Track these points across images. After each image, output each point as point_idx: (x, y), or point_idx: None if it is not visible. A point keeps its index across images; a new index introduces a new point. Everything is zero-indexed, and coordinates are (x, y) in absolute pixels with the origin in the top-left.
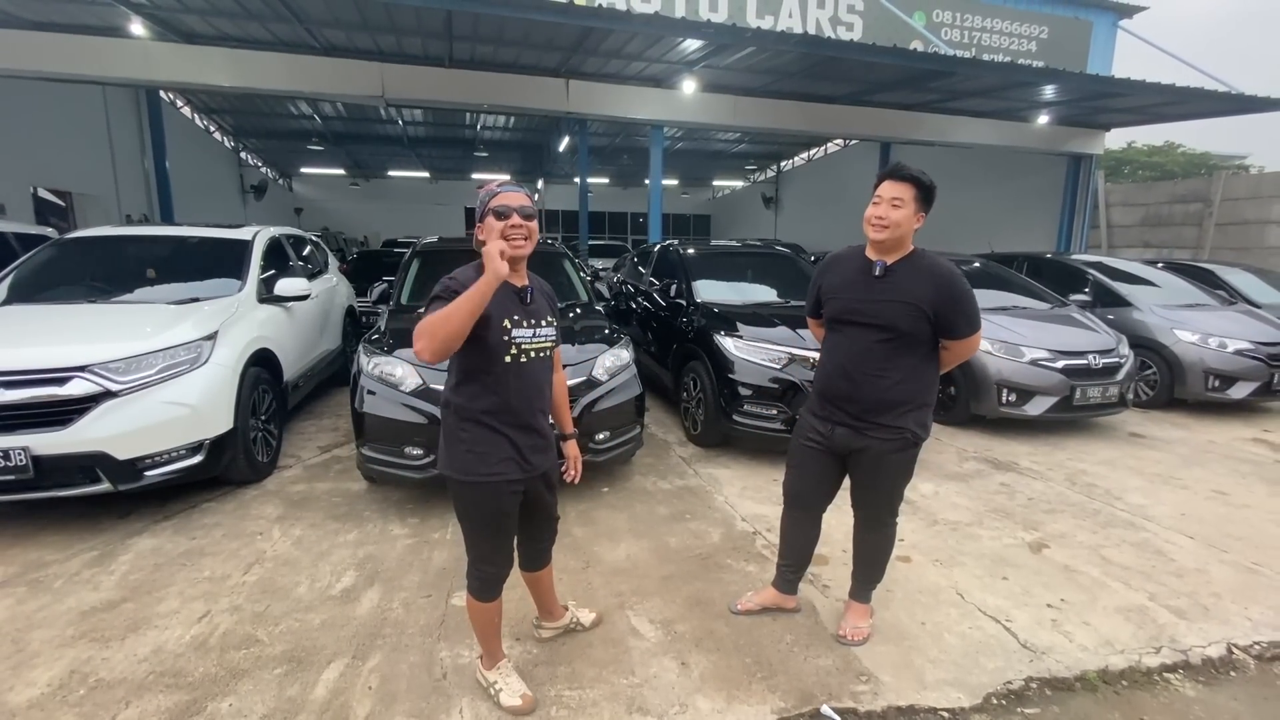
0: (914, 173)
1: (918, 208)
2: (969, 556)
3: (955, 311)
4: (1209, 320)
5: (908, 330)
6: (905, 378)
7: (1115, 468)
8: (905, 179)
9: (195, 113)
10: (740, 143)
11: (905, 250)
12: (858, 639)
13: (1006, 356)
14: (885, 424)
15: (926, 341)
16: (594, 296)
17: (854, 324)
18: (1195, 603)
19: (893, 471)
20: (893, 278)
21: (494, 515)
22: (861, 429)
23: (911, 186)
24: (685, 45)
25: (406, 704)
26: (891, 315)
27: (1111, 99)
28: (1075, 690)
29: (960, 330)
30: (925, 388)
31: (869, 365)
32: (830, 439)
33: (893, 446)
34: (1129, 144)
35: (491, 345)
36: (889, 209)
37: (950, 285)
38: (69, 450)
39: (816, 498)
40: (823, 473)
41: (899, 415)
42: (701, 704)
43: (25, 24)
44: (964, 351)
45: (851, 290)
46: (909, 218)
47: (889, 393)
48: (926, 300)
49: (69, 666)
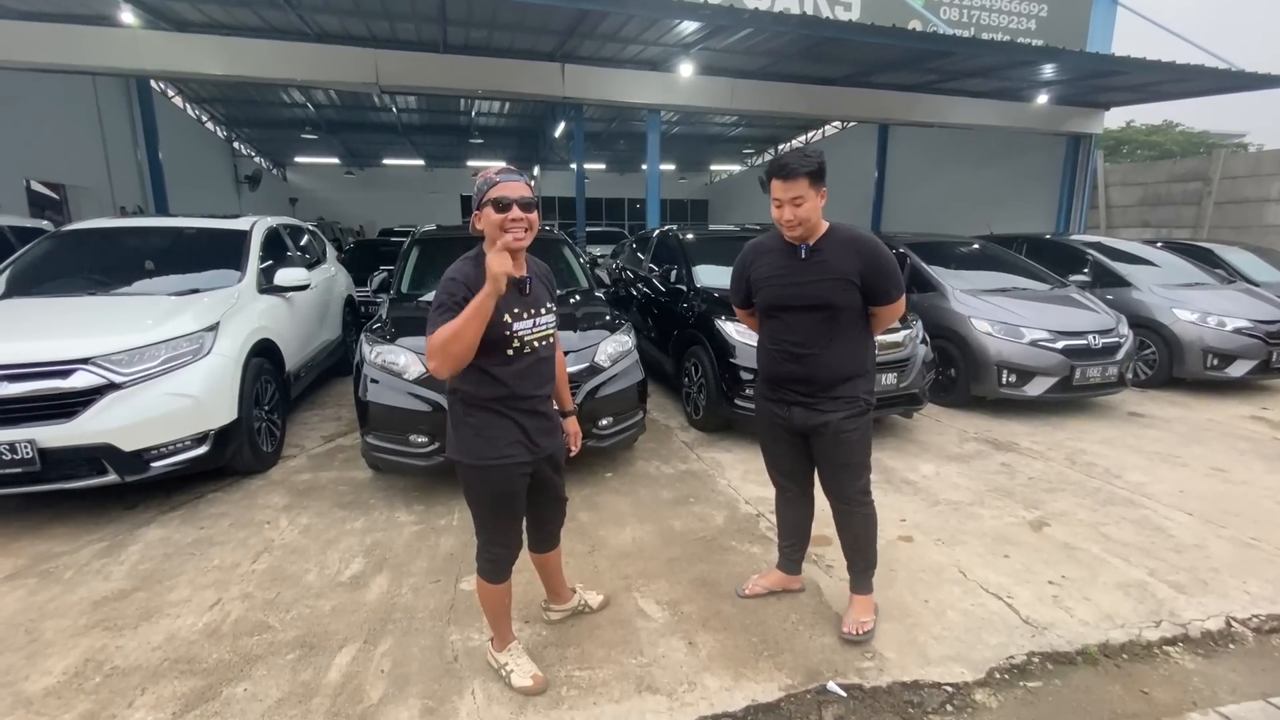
0: (800, 165)
1: (817, 190)
2: (970, 535)
3: (882, 276)
4: (1208, 299)
5: (844, 304)
6: (849, 349)
7: (1115, 446)
8: (795, 175)
9: (187, 103)
10: (737, 126)
11: (821, 229)
12: (863, 632)
13: (1006, 338)
14: (838, 395)
15: (859, 312)
16: (595, 283)
17: (792, 308)
18: (1194, 577)
19: (853, 442)
20: (819, 256)
21: (504, 498)
22: (816, 404)
23: (804, 179)
24: (682, 27)
25: (419, 686)
26: (826, 293)
27: (1111, 77)
28: (1076, 664)
29: (890, 295)
30: (866, 355)
31: (814, 344)
32: (789, 419)
33: (848, 414)
34: (1127, 123)
35: (494, 340)
36: (792, 209)
37: (874, 252)
38: (75, 443)
39: (797, 474)
40: (793, 450)
41: (849, 385)
42: (710, 682)
43: (12, 14)
44: (890, 316)
45: (781, 277)
46: (814, 205)
47: (836, 366)
48: (855, 271)
49: (84, 655)
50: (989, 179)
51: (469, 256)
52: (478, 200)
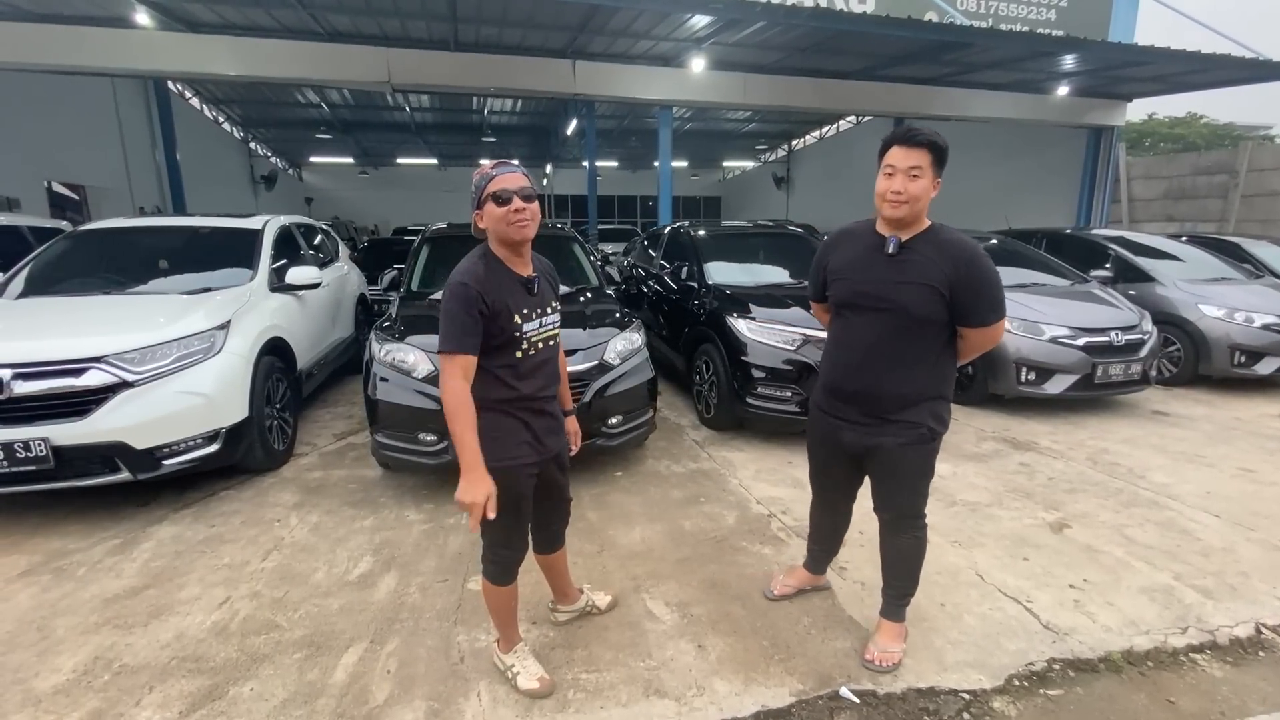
0: (929, 136)
1: (935, 174)
2: (988, 537)
3: (977, 295)
4: (1235, 294)
5: (924, 316)
6: (921, 369)
7: (1138, 446)
8: (920, 144)
9: (204, 104)
10: (750, 122)
11: (922, 225)
12: (886, 664)
13: (1025, 334)
14: (899, 420)
15: (944, 328)
16: (604, 281)
17: (864, 309)
18: (1222, 582)
19: (911, 469)
20: (908, 255)
21: (512, 499)
22: (873, 426)
23: (927, 152)
24: (693, 21)
25: (425, 687)
26: (906, 298)
27: (1134, 68)
28: (1099, 671)
29: (982, 317)
30: (942, 379)
31: (881, 356)
32: (841, 440)
33: (908, 441)
34: (1150, 116)
35: (504, 342)
36: (905, 181)
37: (972, 265)
38: (88, 440)
39: (841, 486)
40: (841, 469)
41: (914, 410)
42: (719, 686)
43: (31, 16)
44: (984, 342)
45: (861, 271)
46: (927, 188)
47: (903, 386)
48: (944, 281)
49: (93, 653)
50: (1007, 173)
51: (476, 255)
52: (477, 198)
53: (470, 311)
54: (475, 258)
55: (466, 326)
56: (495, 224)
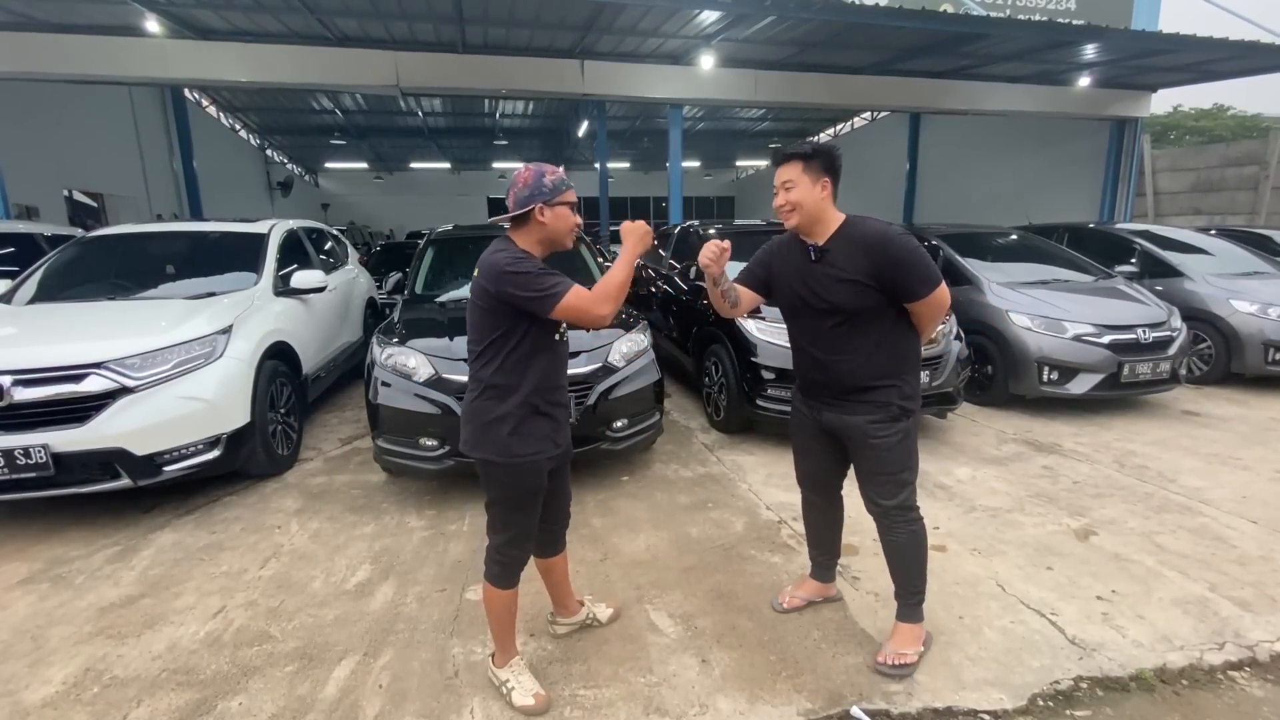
0: (790, 149)
1: (814, 178)
2: (1010, 545)
3: (900, 274)
4: (1268, 289)
5: (860, 308)
6: (874, 354)
7: (1168, 448)
8: (782, 160)
9: (221, 112)
10: (763, 120)
11: (834, 224)
12: (898, 664)
13: (1047, 332)
14: (867, 400)
15: (885, 313)
16: None
17: (807, 311)
18: (1261, 593)
19: (886, 450)
20: (829, 256)
21: (532, 495)
22: (845, 405)
23: (796, 163)
24: (702, 17)
25: (417, 703)
26: (838, 297)
27: (1158, 57)
28: (1130, 690)
29: (915, 292)
30: (901, 357)
31: (832, 349)
32: (819, 419)
33: (878, 419)
34: (1175, 108)
35: (550, 324)
36: (784, 194)
37: (886, 249)
38: (88, 447)
39: (826, 477)
40: (823, 451)
41: (881, 391)
42: (723, 704)
43: (45, 26)
44: (932, 313)
45: (795, 278)
46: (808, 192)
47: (860, 371)
48: (865, 272)
49: (84, 664)
50: (1028, 167)
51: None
52: (550, 194)
53: (546, 269)
54: (518, 249)
55: (553, 273)
56: (559, 224)
